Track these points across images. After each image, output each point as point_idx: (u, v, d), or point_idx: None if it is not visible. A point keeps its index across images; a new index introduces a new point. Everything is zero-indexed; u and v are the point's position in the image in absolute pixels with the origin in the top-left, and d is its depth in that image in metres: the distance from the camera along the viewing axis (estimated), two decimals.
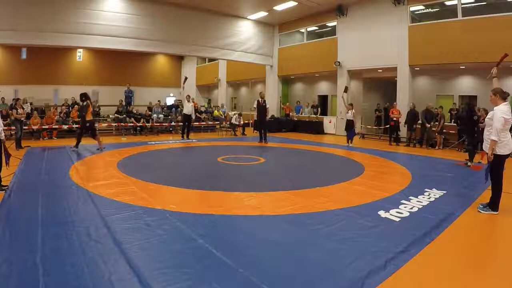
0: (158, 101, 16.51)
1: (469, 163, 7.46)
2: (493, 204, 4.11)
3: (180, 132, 12.80)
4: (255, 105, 10.97)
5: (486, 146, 4.26)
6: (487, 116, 4.30)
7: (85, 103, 8.83)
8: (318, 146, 11.07)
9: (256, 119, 10.92)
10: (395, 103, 12.17)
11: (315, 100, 17.62)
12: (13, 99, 10.41)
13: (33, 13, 11.04)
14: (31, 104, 13.71)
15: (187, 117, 12.24)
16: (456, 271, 2.74)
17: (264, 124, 11.37)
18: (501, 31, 9.93)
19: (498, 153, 4.04)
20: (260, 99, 11.10)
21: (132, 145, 10.24)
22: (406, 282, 2.52)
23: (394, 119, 11.63)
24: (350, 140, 11.10)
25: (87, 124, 8.87)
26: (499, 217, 4.01)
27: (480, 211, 4.15)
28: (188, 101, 12.41)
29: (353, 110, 11.28)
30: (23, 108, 10.25)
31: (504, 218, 4.00)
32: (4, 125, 11.26)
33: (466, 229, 3.68)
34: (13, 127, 10.06)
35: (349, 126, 11.16)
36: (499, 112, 4.00)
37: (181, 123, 12.85)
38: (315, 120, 16.15)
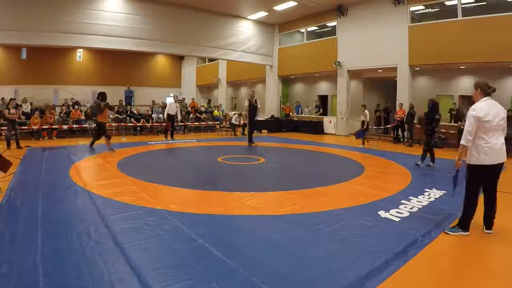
0: (153, 101, 16.38)
1: (419, 163, 7.21)
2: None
3: (164, 133, 12.52)
4: (246, 104, 10.65)
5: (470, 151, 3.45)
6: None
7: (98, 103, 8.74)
8: (318, 146, 11.07)
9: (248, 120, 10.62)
10: (400, 103, 12.18)
11: (317, 99, 17.64)
12: (10, 99, 10.39)
13: (33, 13, 11.03)
14: (31, 104, 13.70)
15: (171, 117, 12.09)
16: (456, 271, 2.74)
17: (253, 125, 10.77)
18: (501, 31, 9.93)
19: (470, 163, 3.38)
20: (251, 99, 10.53)
21: (132, 145, 10.24)
22: (406, 282, 2.52)
23: (398, 119, 11.75)
24: (362, 140, 10.92)
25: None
26: (498, 217, 3.99)
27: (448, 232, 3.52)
28: (175, 101, 12.32)
29: (365, 111, 11.03)
30: (15, 108, 10.18)
31: (504, 218, 4.00)
32: (5, 125, 11.34)
33: None
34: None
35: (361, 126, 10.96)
36: (470, 111, 3.33)
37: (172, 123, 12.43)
38: (315, 120, 16.16)
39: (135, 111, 14.85)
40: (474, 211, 3.46)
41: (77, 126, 12.93)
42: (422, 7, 12.44)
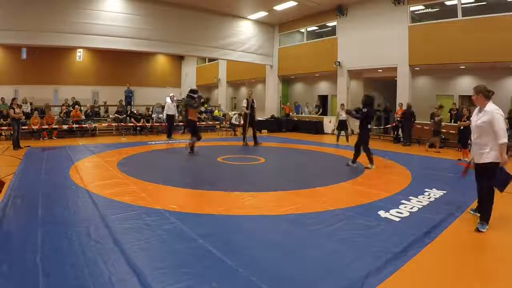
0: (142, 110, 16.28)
1: (369, 165, 6.88)
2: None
3: (166, 133, 12.46)
4: (244, 104, 10.44)
5: (476, 151, 3.71)
6: (481, 120, 3.57)
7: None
8: (318, 146, 11.07)
9: (248, 120, 10.61)
10: (400, 103, 12.23)
11: (317, 99, 17.64)
12: (12, 99, 10.40)
13: (33, 13, 11.03)
14: (31, 104, 13.70)
15: (170, 117, 12.16)
16: (456, 271, 2.73)
17: (255, 124, 11.02)
18: (501, 31, 9.93)
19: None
20: (248, 98, 10.51)
21: (132, 145, 10.23)
22: (406, 282, 2.52)
23: (398, 118, 11.79)
24: (346, 138, 11.38)
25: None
26: (498, 216, 4.00)
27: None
28: (172, 101, 12.38)
29: (343, 110, 11.47)
30: (19, 107, 10.19)
31: (503, 217, 4.00)
32: (5, 125, 11.37)
33: (466, 229, 3.67)
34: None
35: (342, 125, 11.40)
36: (496, 111, 3.50)
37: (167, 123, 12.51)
38: (315, 120, 16.16)
39: (135, 111, 14.83)
40: None
41: (77, 126, 12.93)
42: (422, 7, 12.43)
